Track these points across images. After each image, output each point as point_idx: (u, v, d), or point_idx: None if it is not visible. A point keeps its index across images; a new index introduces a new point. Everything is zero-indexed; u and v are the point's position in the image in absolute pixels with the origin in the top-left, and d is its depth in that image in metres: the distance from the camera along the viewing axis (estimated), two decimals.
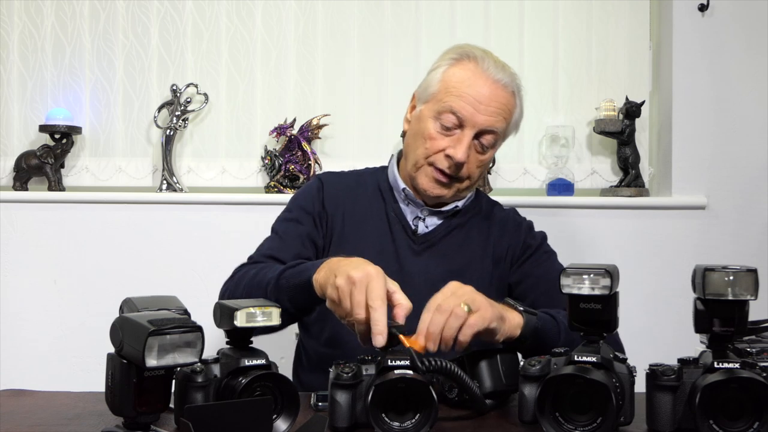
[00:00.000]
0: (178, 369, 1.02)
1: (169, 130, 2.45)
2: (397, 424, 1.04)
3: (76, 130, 2.47)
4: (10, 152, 2.51)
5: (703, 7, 2.37)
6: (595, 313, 1.07)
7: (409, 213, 1.62)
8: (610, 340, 1.12)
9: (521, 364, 1.12)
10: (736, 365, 1.02)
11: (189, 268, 2.36)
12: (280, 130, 2.44)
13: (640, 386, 1.09)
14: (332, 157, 2.49)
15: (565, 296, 1.08)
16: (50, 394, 1.32)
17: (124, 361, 0.97)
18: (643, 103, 2.40)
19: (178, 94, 2.47)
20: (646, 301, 2.33)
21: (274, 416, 1.02)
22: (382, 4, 2.51)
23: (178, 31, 2.52)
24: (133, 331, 0.95)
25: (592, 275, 1.06)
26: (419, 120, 1.57)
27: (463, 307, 1.17)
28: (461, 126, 1.51)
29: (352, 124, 2.50)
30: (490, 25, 2.49)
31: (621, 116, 2.39)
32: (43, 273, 2.40)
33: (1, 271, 2.39)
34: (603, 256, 2.29)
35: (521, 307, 1.31)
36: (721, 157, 2.38)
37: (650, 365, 1.09)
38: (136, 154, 2.52)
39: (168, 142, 2.44)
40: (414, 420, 1.03)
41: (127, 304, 1.11)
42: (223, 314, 1.06)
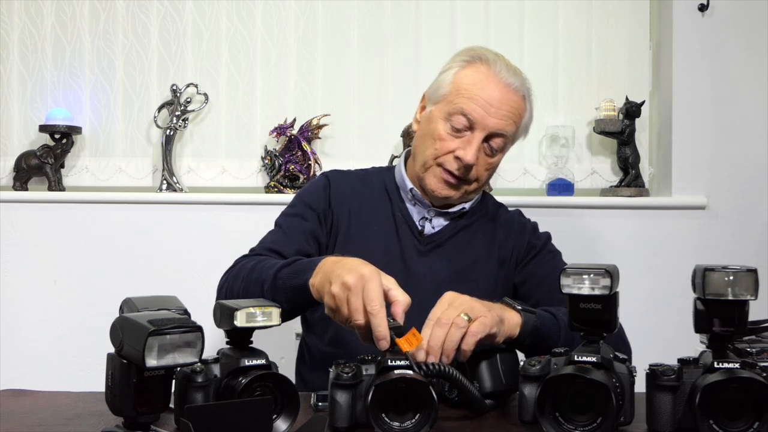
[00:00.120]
0: (178, 369, 1.01)
1: (169, 130, 2.45)
2: (397, 424, 1.03)
3: (76, 130, 2.47)
4: (10, 152, 2.51)
5: (703, 7, 2.37)
6: (595, 313, 1.07)
7: (416, 213, 1.61)
8: (617, 339, 1.11)
9: (521, 364, 1.12)
10: (736, 365, 1.02)
11: (189, 268, 2.36)
12: (280, 130, 2.44)
13: (640, 386, 1.08)
14: (332, 157, 2.48)
15: (565, 296, 1.08)
16: (50, 394, 1.32)
17: (124, 361, 0.97)
18: (643, 103, 2.40)
19: (178, 94, 2.47)
20: (646, 301, 2.33)
21: (274, 416, 1.01)
22: (382, 4, 2.51)
23: (178, 31, 2.52)
24: (133, 331, 0.95)
25: (592, 275, 1.06)
26: (429, 121, 1.56)
27: (463, 317, 1.17)
28: (471, 128, 1.51)
29: (352, 124, 2.50)
30: (490, 25, 2.49)
31: (621, 116, 2.39)
32: (43, 273, 2.40)
33: (1, 271, 2.39)
34: (603, 256, 2.29)
35: (519, 306, 1.31)
36: (721, 157, 2.38)
37: (650, 365, 1.08)
38: (136, 154, 2.53)
39: (168, 142, 2.44)
40: (414, 420, 1.03)
41: (127, 304, 1.11)
42: (223, 314, 1.05)
